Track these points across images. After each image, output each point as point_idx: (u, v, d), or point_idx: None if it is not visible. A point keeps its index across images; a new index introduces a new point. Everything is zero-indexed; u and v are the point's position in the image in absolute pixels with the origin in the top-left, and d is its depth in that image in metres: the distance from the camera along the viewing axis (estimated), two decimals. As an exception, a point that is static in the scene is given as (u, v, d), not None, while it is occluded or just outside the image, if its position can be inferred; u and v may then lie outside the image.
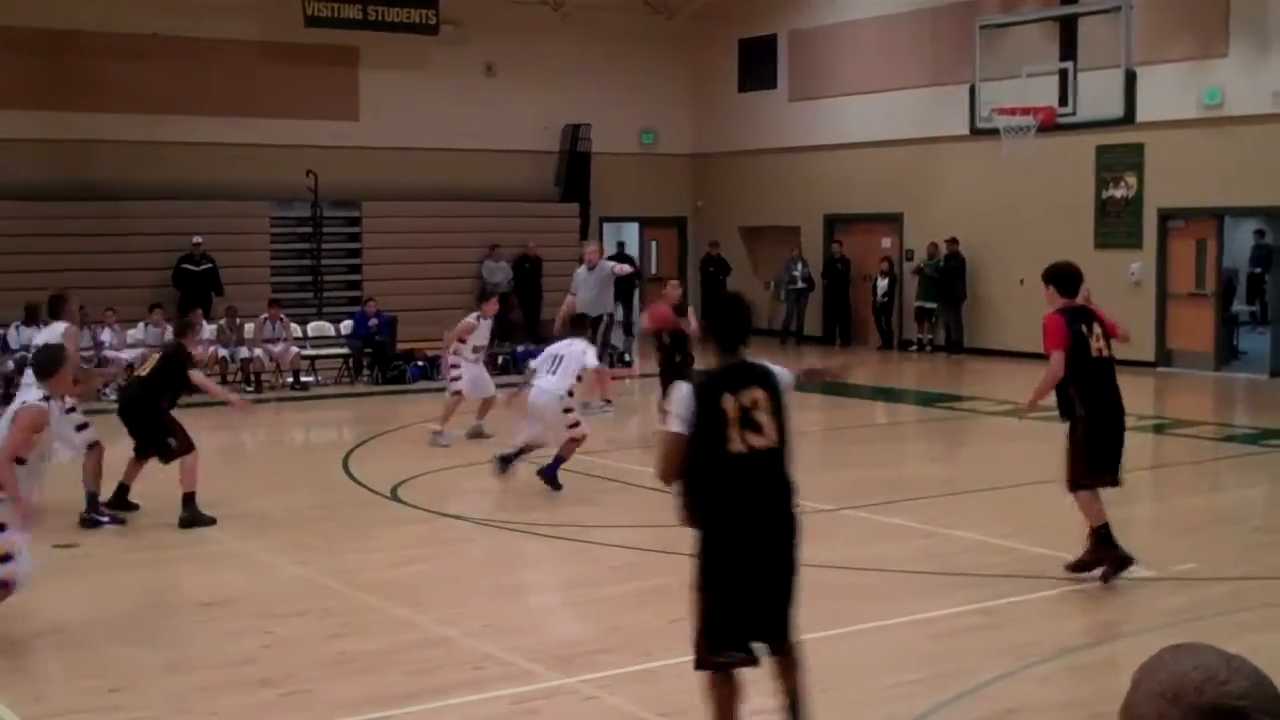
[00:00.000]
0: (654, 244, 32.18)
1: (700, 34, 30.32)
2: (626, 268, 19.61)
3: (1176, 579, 9.61)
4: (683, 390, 5.92)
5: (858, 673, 7.71)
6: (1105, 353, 9.21)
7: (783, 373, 6.15)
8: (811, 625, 8.51)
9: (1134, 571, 9.12)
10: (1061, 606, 8.90)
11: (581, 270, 19.45)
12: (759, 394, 5.89)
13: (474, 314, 16.26)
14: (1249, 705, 1.95)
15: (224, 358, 21.15)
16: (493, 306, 16.51)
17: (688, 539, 6.22)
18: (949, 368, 24.40)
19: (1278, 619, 8.67)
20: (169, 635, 8.51)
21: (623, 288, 29.15)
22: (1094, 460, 9.16)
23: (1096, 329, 9.19)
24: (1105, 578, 9.10)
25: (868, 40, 27.00)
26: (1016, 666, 7.73)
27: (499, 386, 16.50)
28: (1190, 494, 13.99)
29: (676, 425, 5.86)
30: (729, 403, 5.81)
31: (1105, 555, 9.11)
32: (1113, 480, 9.30)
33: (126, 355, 19.71)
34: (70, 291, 13.14)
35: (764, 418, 5.88)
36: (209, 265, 23.41)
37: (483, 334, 16.18)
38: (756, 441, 5.86)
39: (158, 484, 11.76)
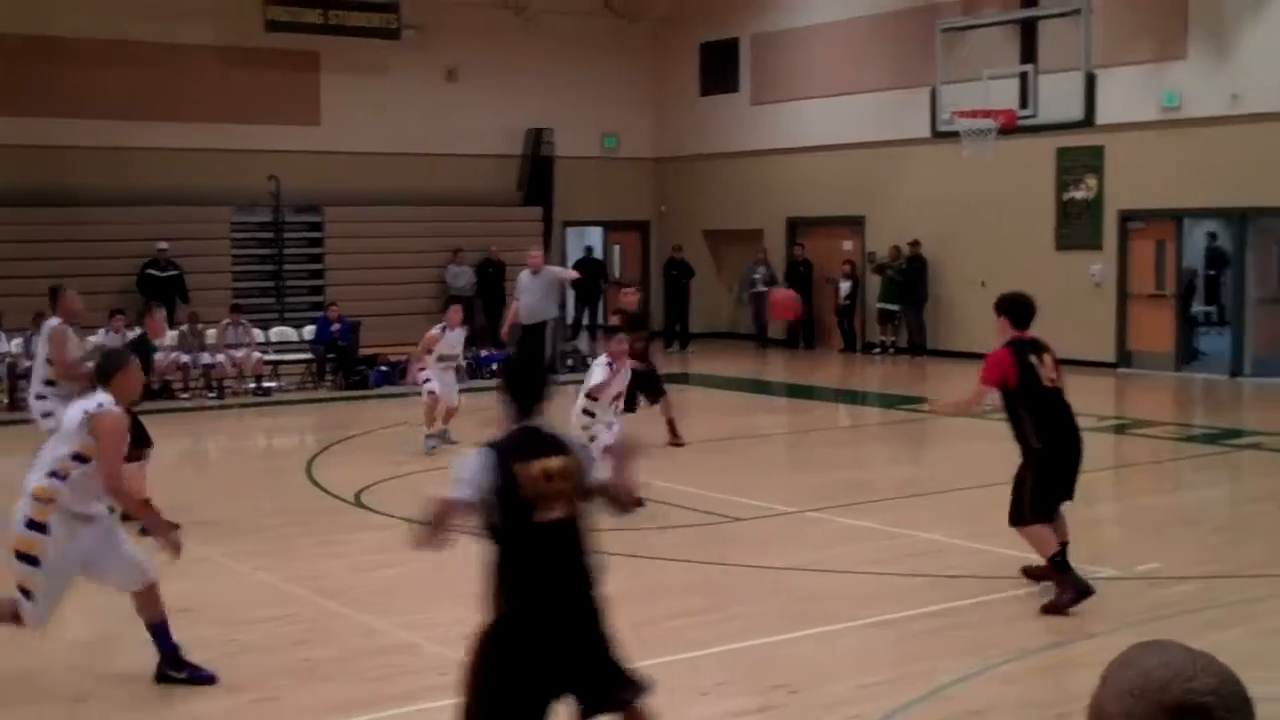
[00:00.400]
0: (617, 248, 32.21)
1: (662, 38, 30.36)
2: (572, 273, 19.46)
3: (1141, 578, 9.67)
4: (473, 454, 5.40)
5: (823, 675, 7.72)
6: (1057, 383, 8.97)
7: (581, 447, 5.69)
8: (777, 628, 8.55)
9: (1098, 571, 9.15)
10: (1025, 607, 8.92)
11: (525, 275, 19.29)
12: (557, 461, 5.38)
13: (439, 325, 16.12)
14: (1215, 702, 1.96)
15: (186, 364, 21.03)
16: (456, 315, 16.26)
17: (664, 543, 6.21)
18: (911, 370, 24.48)
19: (1242, 616, 8.74)
20: (131, 643, 8.45)
21: (588, 291, 29.20)
22: (1043, 496, 8.88)
23: (1047, 359, 8.97)
24: (1063, 605, 8.65)
25: (829, 44, 27.07)
26: (981, 667, 7.75)
27: (463, 391, 16.51)
28: (1153, 494, 14.08)
29: (459, 490, 5.33)
30: (526, 470, 5.31)
31: (1064, 581, 8.74)
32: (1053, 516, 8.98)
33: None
34: (67, 285, 12.86)
35: (563, 486, 5.35)
36: (174, 272, 23.27)
37: (450, 343, 15.98)
38: (554, 513, 5.34)
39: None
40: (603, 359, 12.55)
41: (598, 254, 31.26)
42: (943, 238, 25.21)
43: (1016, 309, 9.14)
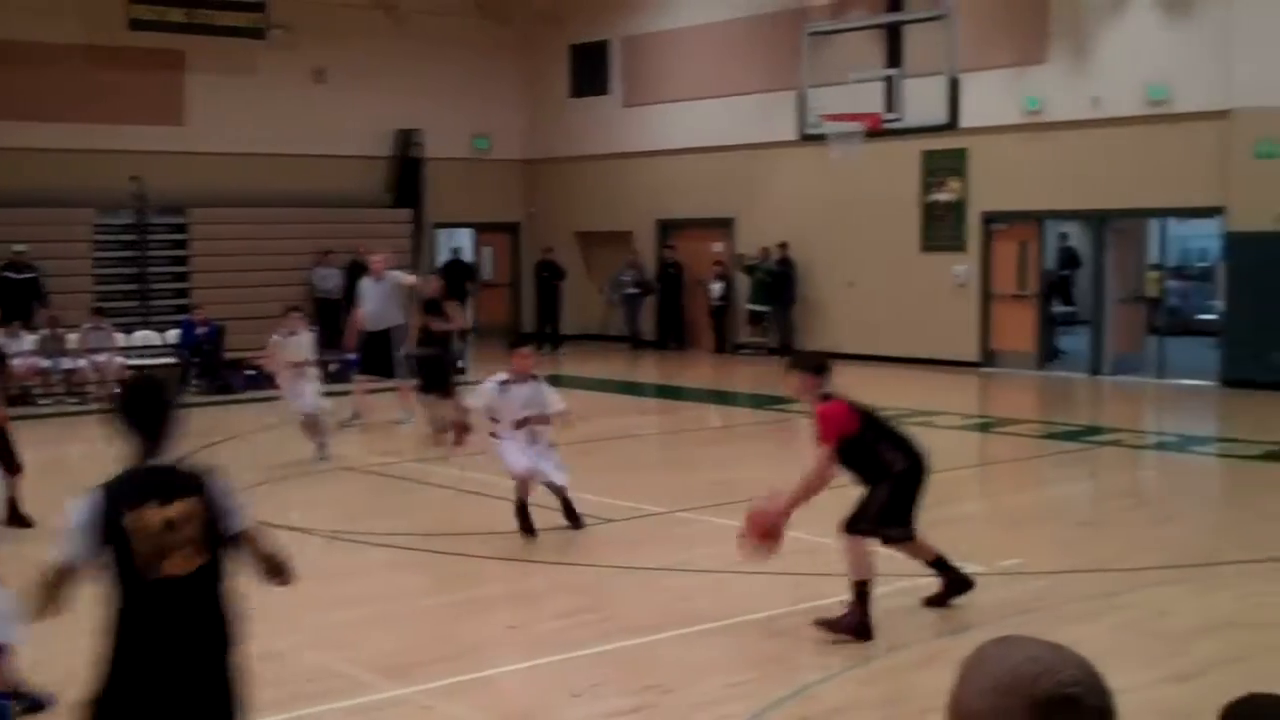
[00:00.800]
0: (487, 249, 32.11)
1: (533, 40, 30.32)
2: (411, 278, 18.94)
3: (1003, 574, 9.85)
4: (80, 501, 4.59)
5: (694, 674, 7.76)
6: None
7: (221, 487, 4.73)
8: (649, 628, 8.59)
9: (960, 568, 9.28)
10: (888, 605, 9.03)
11: (367, 281, 18.61)
12: (180, 506, 4.53)
13: (279, 331, 15.64)
14: (1081, 692, 2.00)
15: (46, 369, 20.57)
16: (296, 320, 15.75)
17: (536, 545, 6.19)
18: (781, 370, 24.68)
19: (1100, 610, 8.94)
20: None
21: (455, 295, 29.01)
22: (892, 513, 8.61)
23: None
24: (842, 628, 8.33)
25: (698, 46, 27.22)
26: (845, 665, 7.86)
27: (329, 395, 16.27)
28: (1015, 490, 14.36)
29: (64, 549, 4.51)
30: (139, 517, 4.49)
31: (856, 611, 8.37)
32: (899, 538, 8.74)
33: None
34: None
35: (187, 535, 4.51)
36: (31, 274, 22.72)
37: (295, 349, 15.44)
38: (175, 567, 4.49)
39: None
40: (494, 377, 11.48)
41: (467, 256, 31.11)
42: (811, 239, 25.48)
43: (828, 368, 8.97)
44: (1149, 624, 8.77)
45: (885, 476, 8.61)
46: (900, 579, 9.33)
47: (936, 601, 8.98)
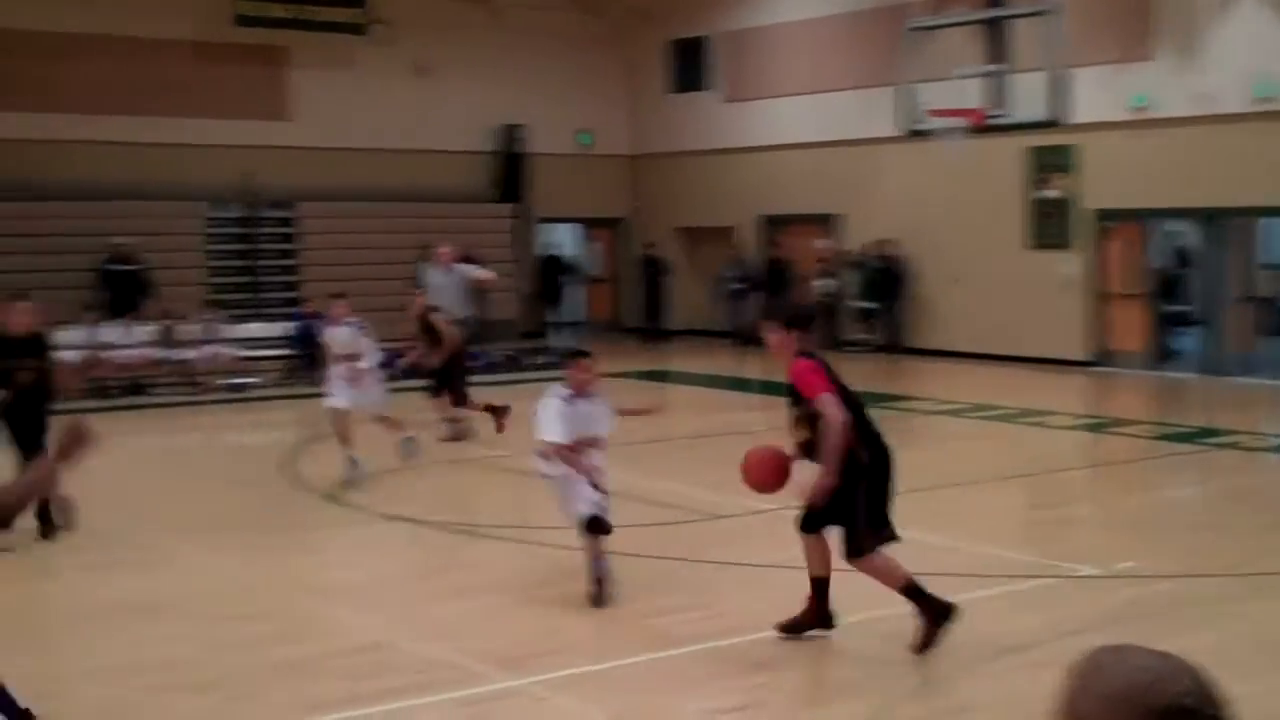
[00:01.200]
0: (593, 245, 32.20)
1: (629, 35, 30.34)
2: (484, 274, 18.59)
3: (1118, 577, 9.68)
4: None
5: (804, 671, 7.70)
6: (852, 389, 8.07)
7: None
8: (758, 624, 8.50)
9: (1076, 570, 9.12)
10: (994, 607, 8.91)
11: (436, 274, 18.39)
12: None
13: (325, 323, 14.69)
14: (1195, 703, 2.00)
15: (160, 360, 20.91)
16: (339, 308, 14.26)
17: (645, 539, 6.15)
18: (888, 367, 24.51)
19: (1216, 616, 8.75)
20: (105, 641, 8.38)
21: (550, 290, 29.19)
22: (877, 513, 7.85)
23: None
24: (930, 637, 7.76)
25: (798, 42, 27.09)
26: (966, 663, 7.74)
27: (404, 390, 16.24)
28: (1129, 492, 14.09)
29: None
30: None
31: (925, 607, 7.81)
32: (893, 535, 7.94)
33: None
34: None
35: None
36: (137, 266, 23.06)
37: (341, 341, 14.10)
38: None
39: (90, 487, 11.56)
40: (555, 392, 9.28)
41: (570, 251, 31.18)
42: (918, 235, 25.25)
43: (806, 319, 8.32)
44: (1266, 632, 8.56)
45: (853, 471, 7.69)
46: (1003, 581, 9.20)
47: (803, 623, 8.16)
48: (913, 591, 7.83)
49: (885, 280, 25.63)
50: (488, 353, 22.33)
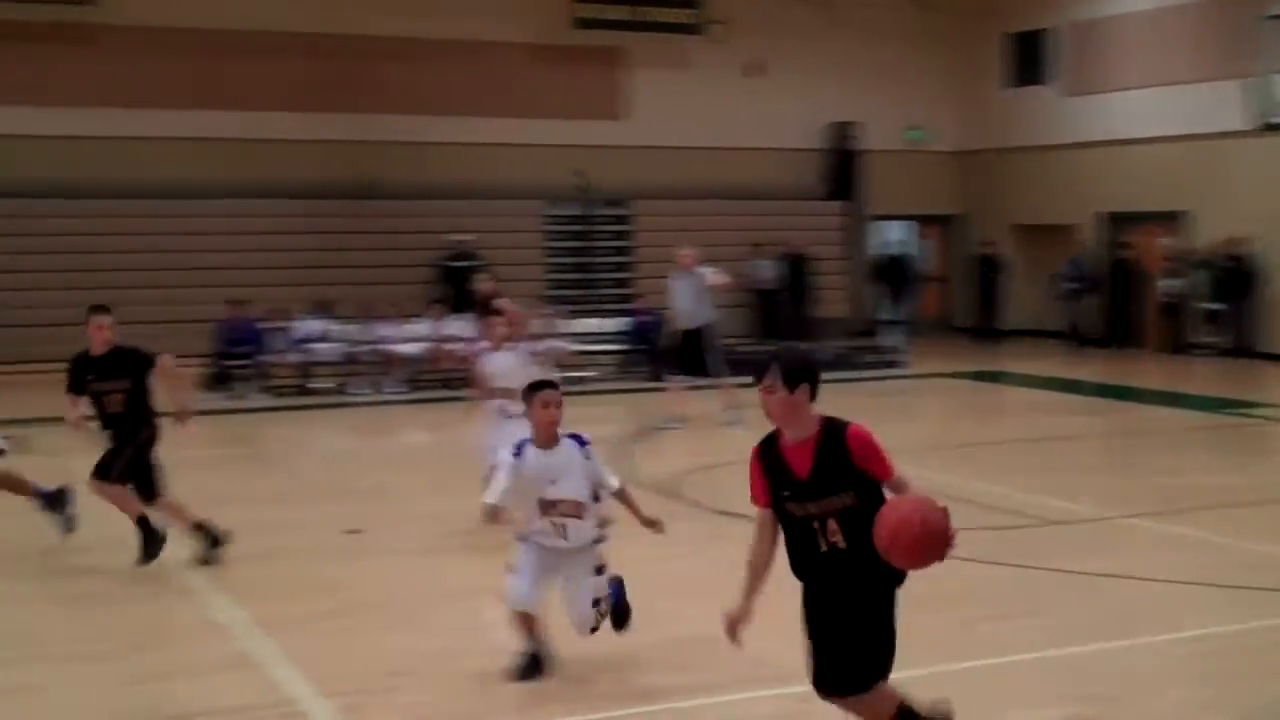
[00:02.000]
0: (925, 242, 31.76)
1: (963, 29, 29.78)
2: (719, 278, 18.06)
3: None
4: None
5: (1140, 685, 7.43)
6: None
7: None
8: (1088, 635, 8.24)
9: None
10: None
11: (675, 274, 18.04)
12: None
13: (477, 345, 12.57)
14: None
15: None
16: (497, 329, 11.56)
17: (974, 544, 6.01)
18: (1236, 371, 23.41)
19: None
20: (441, 621, 8.72)
21: (895, 287, 28.92)
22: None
23: None
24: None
25: (1145, 33, 26.13)
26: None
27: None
28: None
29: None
30: None
31: None
32: None
33: (406, 349, 20.79)
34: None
35: None
36: (475, 262, 23.84)
37: (503, 370, 11.15)
38: None
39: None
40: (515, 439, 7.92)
41: (901, 249, 30.77)
42: (1270, 233, 24.02)
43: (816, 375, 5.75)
44: None
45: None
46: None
47: None
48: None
49: (1234, 280, 24.51)
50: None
